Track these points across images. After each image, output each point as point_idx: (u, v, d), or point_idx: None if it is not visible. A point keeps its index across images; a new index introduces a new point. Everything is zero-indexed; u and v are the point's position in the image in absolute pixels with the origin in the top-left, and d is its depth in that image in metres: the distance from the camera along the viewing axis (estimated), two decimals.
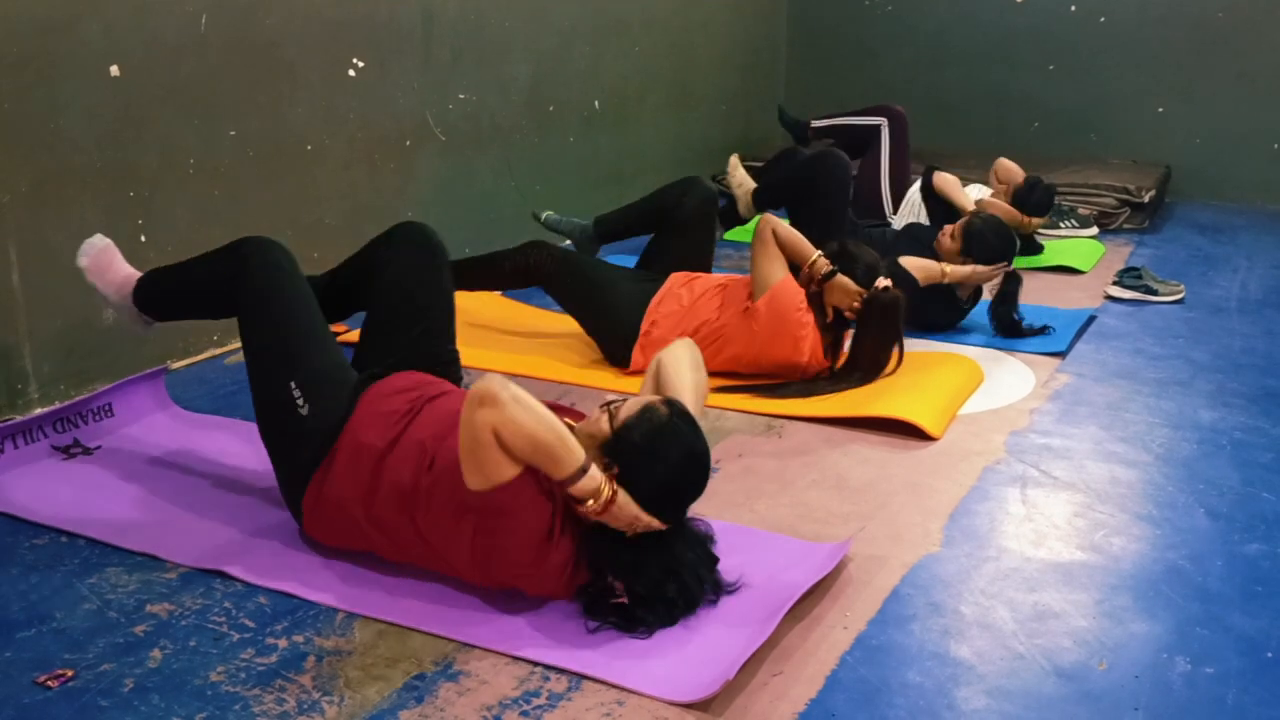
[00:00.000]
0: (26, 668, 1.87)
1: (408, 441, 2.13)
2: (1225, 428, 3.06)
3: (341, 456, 2.15)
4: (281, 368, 2.25)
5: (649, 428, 1.97)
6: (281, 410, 2.22)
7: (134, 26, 3.06)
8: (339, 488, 2.15)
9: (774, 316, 3.17)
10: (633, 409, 2.00)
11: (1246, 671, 1.94)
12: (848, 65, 7.05)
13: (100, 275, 2.54)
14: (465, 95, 4.36)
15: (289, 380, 2.22)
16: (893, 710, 1.81)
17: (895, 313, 3.20)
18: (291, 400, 2.21)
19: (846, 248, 3.25)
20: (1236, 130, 6.26)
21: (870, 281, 3.18)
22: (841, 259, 3.22)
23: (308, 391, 2.21)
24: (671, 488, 1.99)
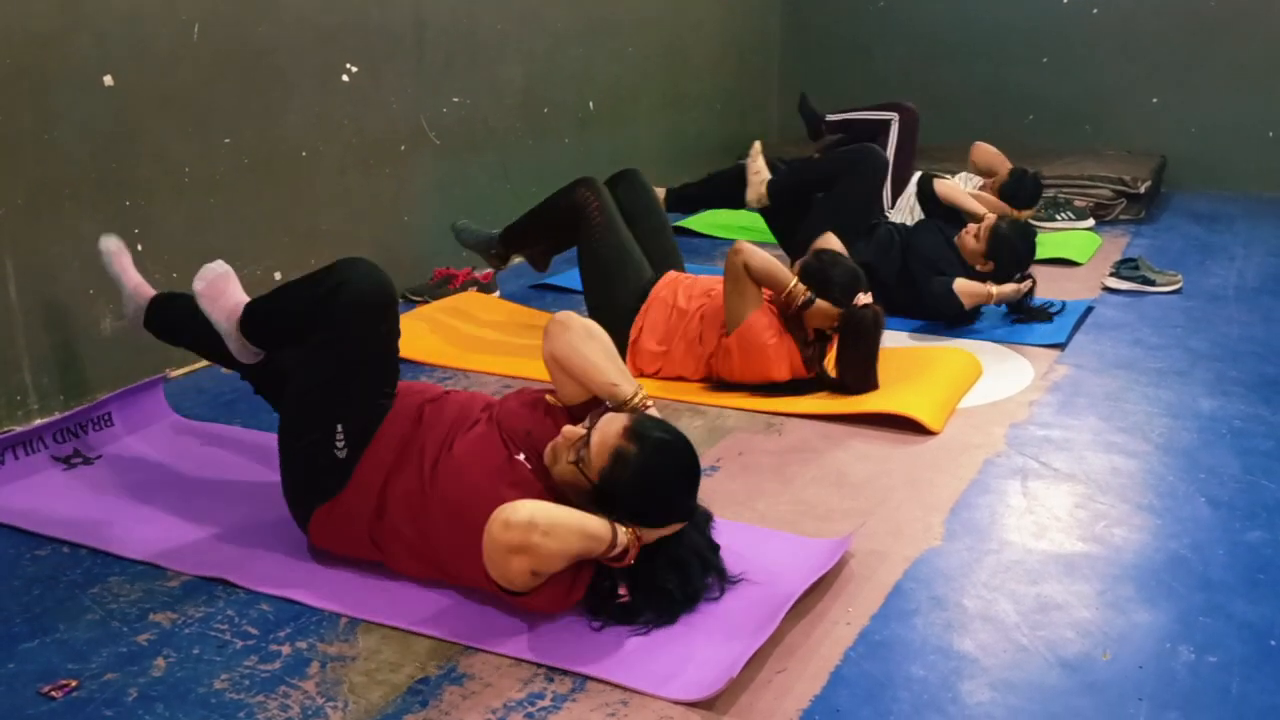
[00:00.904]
0: (31, 679, 1.87)
1: (414, 450, 2.14)
2: (1225, 416, 3.06)
3: (356, 478, 2.16)
4: (334, 408, 2.17)
5: (629, 474, 1.97)
6: (317, 445, 2.16)
7: (126, 37, 3.06)
8: (349, 506, 2.16)
9: (745, 353, 3.14)
10: (603, 457, 1.98)
11: (1250, 659, 1.94)
12: (842, 62, 7.05)
13: (213, 301, 2.37)
14: (459, 99, 4.36)
15: (337, 423, 2.15)
16: (897, 705, 1.81)
17: (873, 330, 3.13)
18: (332, 440, 2.15)
19: (823, 265, 3.17)
20: (1231, 119, 6.26)
21: (848, 301, 3.12)
22: (818, 281, 3.13)
23: (350, 438, 2.16)
24: (675, 506, 2.03)
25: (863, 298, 3.15)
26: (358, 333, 2.18)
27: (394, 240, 4.12)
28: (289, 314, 2.30)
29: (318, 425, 2.16)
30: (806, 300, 3.12)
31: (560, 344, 2.28)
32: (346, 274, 2.18)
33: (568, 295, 4.19)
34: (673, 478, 2.01)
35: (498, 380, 3.36)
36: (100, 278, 3.04)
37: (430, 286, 4.15)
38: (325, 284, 2.19)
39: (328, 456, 2.15)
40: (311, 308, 2.21)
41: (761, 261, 3.11)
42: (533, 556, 1.86)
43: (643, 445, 1.98)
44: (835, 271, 3.15)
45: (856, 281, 3.17)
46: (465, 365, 3.47)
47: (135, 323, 2.73)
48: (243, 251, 3.45)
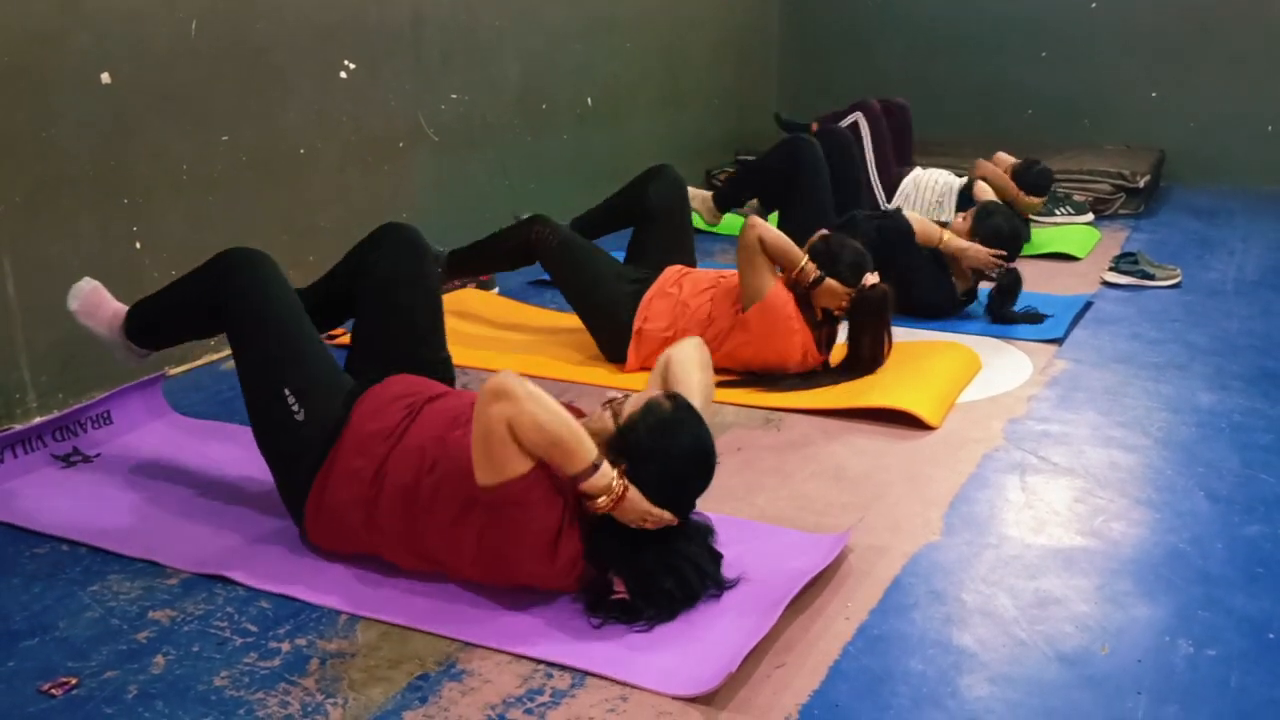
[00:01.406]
0: (30, 677, 1.87)
1: (408, 444, 2.14)
2: (1224, 410, 3.07)
3: (340, 463, 2.16)
4: (273, 376, 2.24)
5: (654, 422, 2.00)
6: (277, 418, 2.22)
7: (124, 35, 3.06)
8: (340, 494, 2.15)
9: (765, 327, 3.17)
10: (636, 404, 2.03)
11: (1249, 653, 1.94)
12: (840, 58, 7.05)
13: (90, 315, 2.54)
14: (457, 95, 4.36)
15: (282, 388, 2.22)
16: (896, 699, 1.81)
17: (882, 308, 3.19)
18: (286, 408, 2.20)
19: (830, 246, 3.21)
20: (1230, 113, 6.26)
21: (857, 280, 3.17)
22: (827, 259, 3.18)
23: (302, 398, 2.21)
24: (679, 480, 2.01)
25: (870, 278, 3.18)
26: (258, 310, 2.28)
27: None
28: (179, 316, 2.46)
29: (267, 398, 2.23)
30: (816, 278, 3.15)
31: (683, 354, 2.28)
32: (226, 262, 2.35)
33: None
34: (688, 449, 2.01)
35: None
36: (99, 275, 3.03)
37: None
38: (208, 278, 2.36)
39: (291, 427, 2.20)
40: (203, 304, 2.36)
41: (775, 237, 3.18)
42: (512, 406, 1.88)
43: (678, 406, 2.03)
44: (843, 252, 3.20)
45: (864, 261, 3.20)
46: (463, 362, 3.45)
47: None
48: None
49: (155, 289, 2.88)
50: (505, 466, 1.92)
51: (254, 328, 2.30)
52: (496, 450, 1.92)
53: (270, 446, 2.26)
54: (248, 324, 2.30)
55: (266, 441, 2.27)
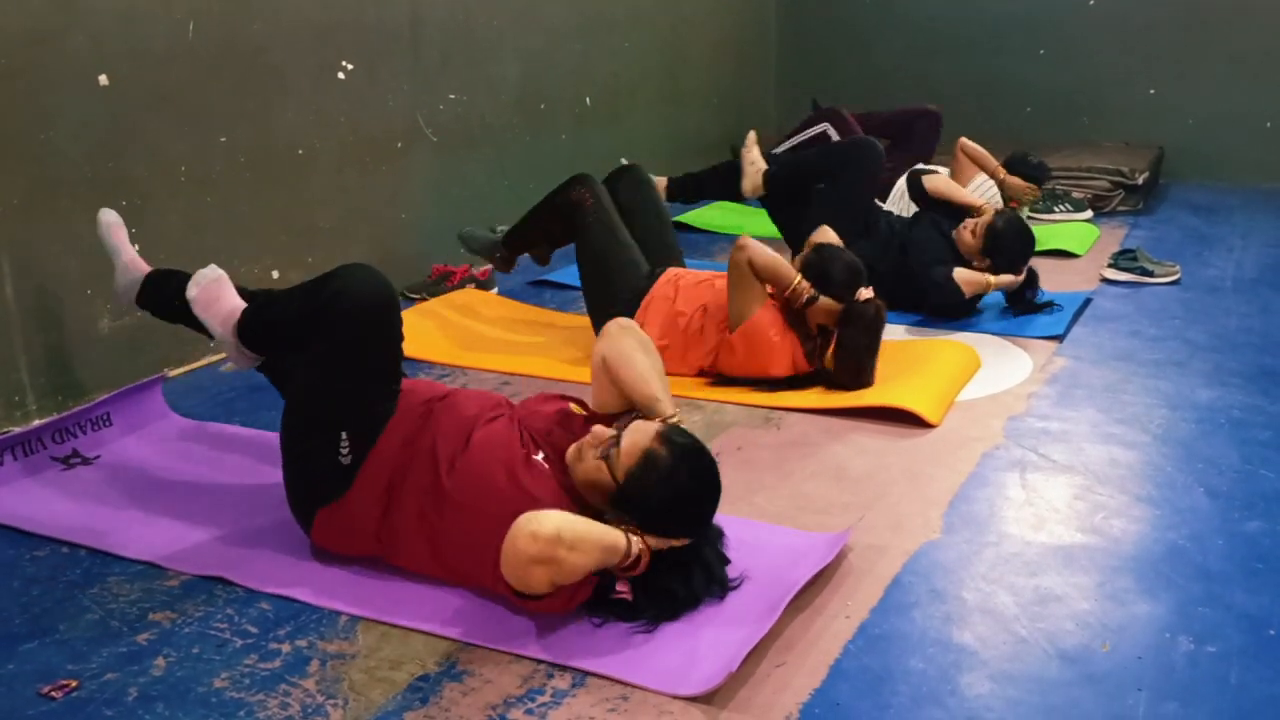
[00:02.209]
0: (30, 679, 1.87)
1: (421, 451, 2.14)
2: (1223, 406, 3.07)
3: (360, 481, 2.15)
4: (339, 415, 2.14)
5: (656, 478, 1.98)
6: (321, 451, 2.14)
7: (121, 36, 3.05)
8: (355, 507, 2.15)
9: (749, 349, 3.14)
10: (633, 457, 1.99)
11: (1249, 649, 1.94)
12: (839, 55, 7.04)
13: (207, 307, 2.32)
14: (455, 95, 4.36)
15: (341, 429, 2.13)
16: (897, 698, 1.81)
17: (874, 324, 3.13)
18: (336, 447, 2.13)
19: (823, 260, 3.16)
20: (1229, 110, 6.26)
21: (850, 296, 3.13)
22: (819, 276, 3.13)
23: (355, 444, 2.14)
24: (692, 519, 2.04)
25: (864, 292, 3.15)
26: (359, 340, 2.15)
27: (391, 238, 4.12)
28: (288, 322, 2.25)
29: (321, 432, 2.14)
30: (810, 298, 3.12)
31: (616, 348, 2.30)
32: (346, 280, 2.14)
33: (566, 291, 4.19)
34: (698, 488, 2.02)
35: (496, 377, 3.36)
36: (97, 277, 3.05)
37: (428, 284, 4.15)
38: (325, 290, 2.15)
39: (332, 463, 2.14)
40: (311, 315, 2.17)
41: (765, 258, 3.12)
42: (555, 569, 1.87)
43: (673, 450, 1.99)
44: (835, 267, 3.15)
45: (857, 276, 3.17)
46: (464, 362, 3.47)
47: (127, 296, 2.67)
48: (239, 250, 3.45)
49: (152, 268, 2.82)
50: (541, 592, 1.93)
51: (343, 360, 2.15)
52: (535, 590, 1.92)
53: (299, 466, 2.20)
54: (339, 353, 2.15)
55: (298, 462, 2.19)
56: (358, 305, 2.12)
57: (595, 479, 2.02)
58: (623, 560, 1.94)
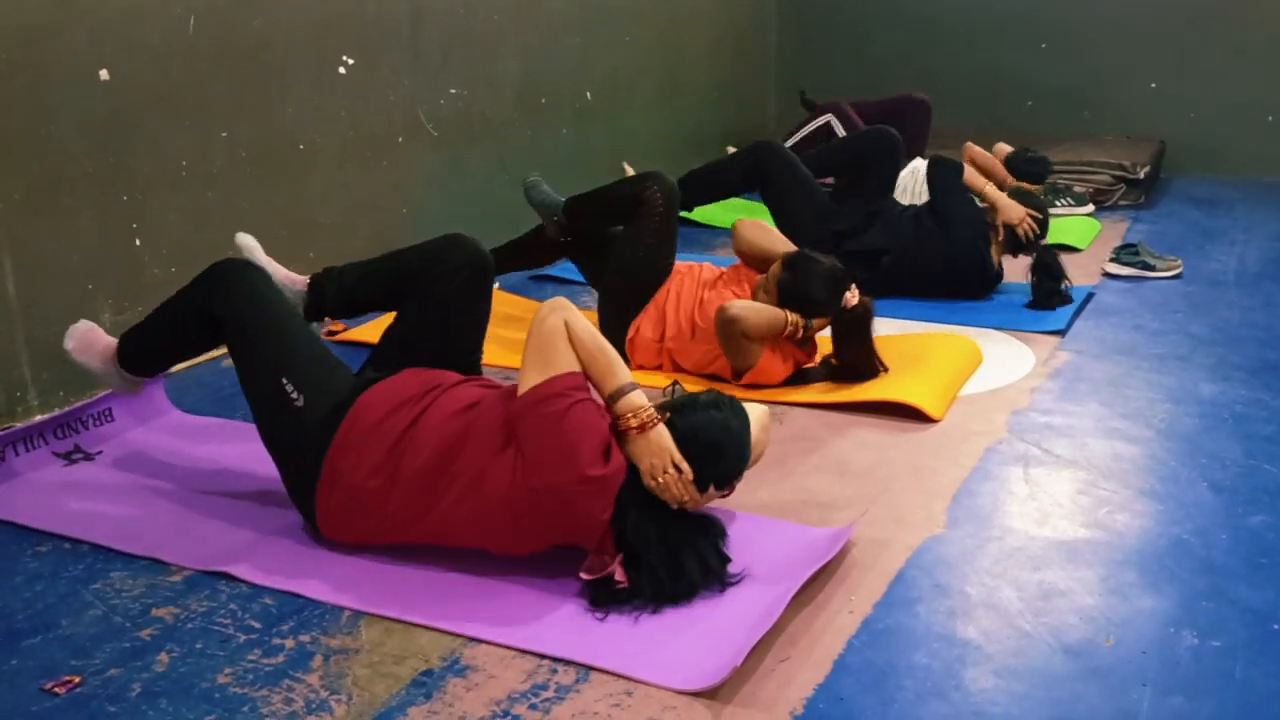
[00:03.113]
0: (33, 675, 1.87)
1: (439, 407, 2.16)
2: (1226, 401, 3.06)
3: (352, 449, 2.15)
4: (270, 369, 2.27)
5: (707, 396, 2.15)
6: (277, 407, 2.24)
7: (122, 31, 3.05)
8: (354, 473, 2.14)
9: (757, 377, 3.13)
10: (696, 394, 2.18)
11: (1253, 643, 1.94)
12: (839, 48, 7.03)
13: (85, 351, 2.57)
14: (456, 90, 4.35)
15: (279, 379, 2.24)
16: (901, 692, 1.81)
17: (865, 323, 3.10)
18: (286, 397, 2.22)
19: (800, 282, 3.08)
20: (1231, 104, 6.24)
21: (836, 304, 3.08)
22: (802, 303, 3.08)
23: (300, 384, 2.23)
24: (712, 443, 2.07)
25: (850, 297, 3.10)
26: (241, 314, 2.33)
27: (392, 233, 4.10)
28: (172, 336, 2.49)
29: (267, 391, 2.26)
30: (806, 327, 3.12)
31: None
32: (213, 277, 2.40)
33: (567, 286, 4.18)
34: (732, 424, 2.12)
35: (496, 371, 3.35)
36: (99, 272, 3.05)
37: None
38: (199, 293, 2.41)
39: (291, 413, 2.21)
40: (197, 320, 2.40)
41: (756, 321, 3.04)
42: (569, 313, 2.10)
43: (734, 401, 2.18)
44: (814, 287, 3.08)
45: (839, 284, 3.09)
46: None
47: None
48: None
49: (154, 285, 2.89)
50: (556, 363, 2.02)
51: (247, 329, 2.34)
52: (550, 348, 2.03)
53: (275, 438, 2.27)
54: (241, 327, 2.35)
55: (271, 434, 2.27)
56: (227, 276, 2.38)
57: None
58: (624, 388, 2.04)
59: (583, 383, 2.05)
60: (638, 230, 3.34)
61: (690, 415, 2.10)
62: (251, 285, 2.39)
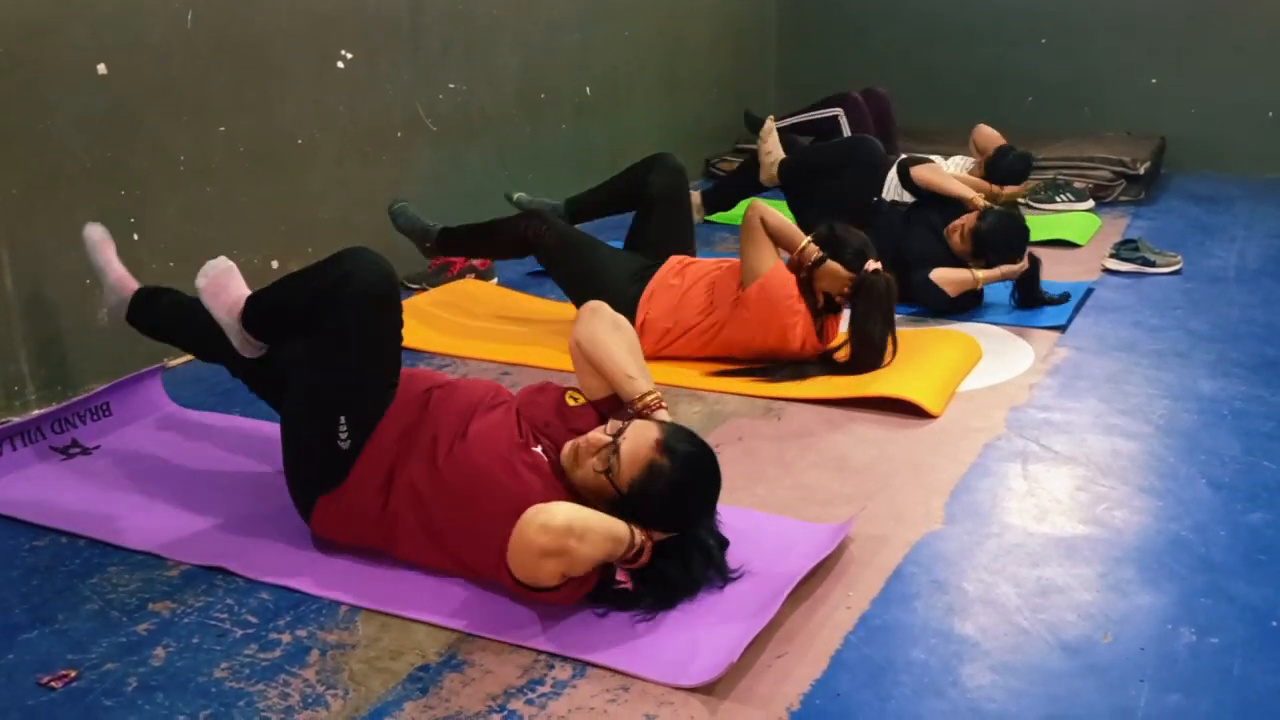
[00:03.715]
0: (30, 669, 1.87)
1: (420, 441, 2.14)
2: (1225, 397, 3.06)
3: (359, 467, 2.15)
4: (338, 400, 2.15)
5: (659, 488, 1.98)
6: (320, 436, 2.15)
7: (120, 26, 3.04)
8: (354, 495, 2.15)
9: (764, 304, 3.16)
10: (635, 468, 1.98)
11: (1252, 641, 1.94)
12: (839, 44, 7.02)
13: (215, 296, 2.34)
14: (455, 85, 4.34)
15: (340, 415, 2.14)
16: (898, 688, 1.80)
17: (886, 295, 3.16)
18: (335, 433, 2.14)
19: (835, 232, 3.22)
20: (1232, 100, 6.23)
21: (859, 265, 3.15)
22: (830, 244, 3.19)
23: (354, 429, 2.14)
24: (695, 513, 2.06)
25: (872, 263, 3.16)
26: (362, 324, 2.17)
27: (391, 228, 4.10)
28: (292, 306, 2.28)
29: (321, 417, 2.15)
30: (818, 259, 3.15)
31: (585, 331, 2.32)
32: (351, 264, 2.16)
33: None
34: (701, 491, 2.04)
35: (496, 367, 3.35)
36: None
37: (428, 274, 4.14)
38: (330, 275, 2.18)
39: (330, 448, 2.14)
40: (316, 299, 2.20)
41: (776, 218, 3.23)
42: (566, 560, 1.87)
43: (674, 459, 1.99)
44: (846, 237, 3.21)
45: (866, 248, 3.19)
46: (463, 352, 3.46)
47: (116, 314, 2.70)
48: (239, 241, 3.44)
49: (153, 281, 2.86)
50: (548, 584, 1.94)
51: (343, 345, 2.18)
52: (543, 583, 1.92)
53: (301, 457, 2.21)
54: (339, 338, 2.18)
55: (297, 449, 2.21)
56: (363, 288, 2.14)
57: (595, 486, 2.02)
58: (627, 551, 1.94)
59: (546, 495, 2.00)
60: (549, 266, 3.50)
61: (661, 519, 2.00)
62: (371, 298, 2.16)
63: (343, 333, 2.17)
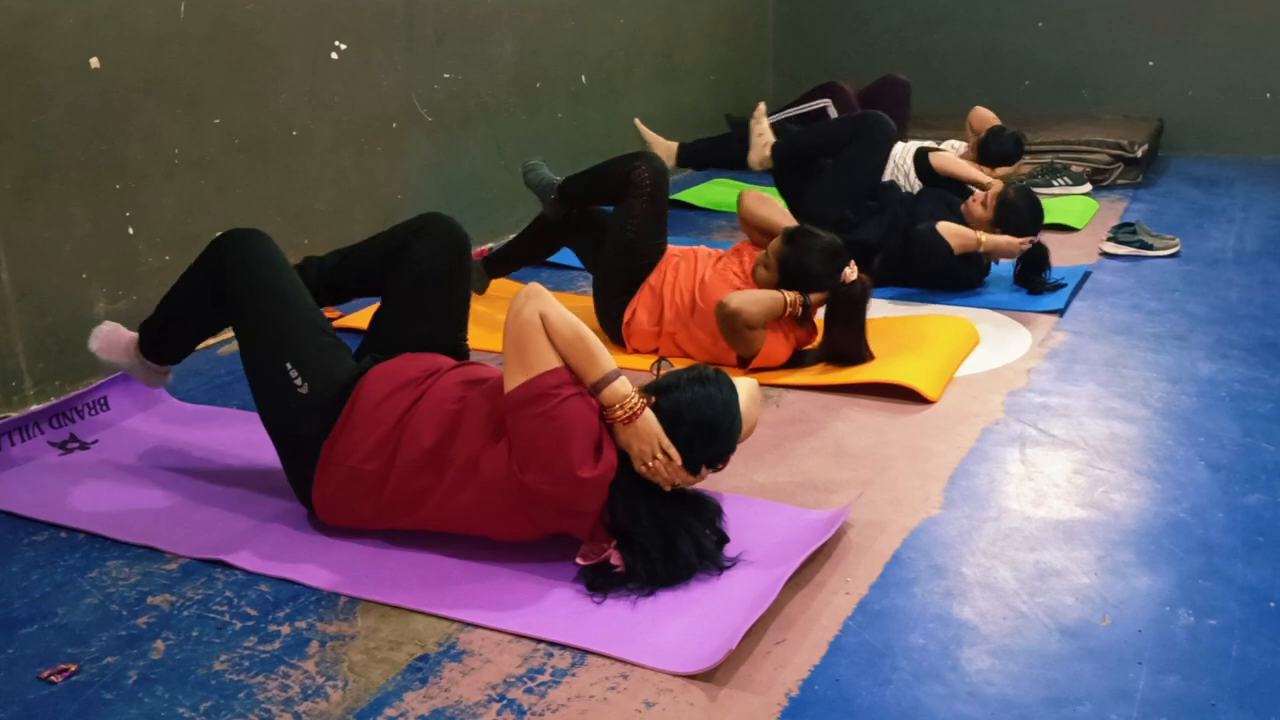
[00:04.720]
0: (30, 664, 1.87)
1: (426, 407, 2.14)
2: (1224, 380, 3.06)
3: (350, 433, 2.15)
4: (274, 351, 2.25)
5: (693, 373, 2.10)
6: (281, 392, 2.22)
7: (113, 17, 3.03)
8: (352, 455, 2.14)
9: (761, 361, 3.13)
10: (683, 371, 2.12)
11: (1250, 622, 1.94)
12: (836, 30, 7.00)
13: (110, 350, 2.57)
14: (450, 75, 4.33)
15: (284, 362, 2.22)
16: (897, 673, 1.81)
17: (862, 301, 3.10)
18: (289, 381, 2.21)
19: (799, 256, 3.06)
20: (1229, 82, 6.22)
21: (835, 281, 3.08)
22: (800, 279, 3.08)
23: (304, 370, 2.21)
24: (700, 423, 2.04)
25: (849, 273, 3.10)
26: (250, 284, 2.30)
27: (388, 219, 4.05)
28: (184, 315, 2.46)
29: (270, 376, 2.24)
30: (805, 304, 3.11)
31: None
32: (221, 246, 2.36)
33: (565, 272, 4.17)
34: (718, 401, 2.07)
35: (495, 357, 3.35)
36: (92, 261, 3.04)
37: None
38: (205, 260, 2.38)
39: (294, 397, 2.20)
40: (199, 282, 2.38)
41: (754, 310, 3.03)
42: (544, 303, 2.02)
43: (720, 374, 2.13)
44: (812, 260, 3.07)
45: (836, 260, 3.09)
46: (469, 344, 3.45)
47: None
48: None
49: (149, 273, 2.88)
50: (538, 361, 1.98)
51: (252, 303, 2.30)
52: (529, 344, 1.98)
53: (275, 422, 2.26)
54: (246, 304, 2.31)
55: (271, 417, 2.26)
56: (239, 253, 2.32)
57: None
58: (607, 378, 2.00)
59: (568, 378, 2.01)
60: (628, 208, 3.35)
61: (676, 394, 2.06)
62: (259, 259, 2.33)
63: (244, 301, 2.31)
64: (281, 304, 2.30)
